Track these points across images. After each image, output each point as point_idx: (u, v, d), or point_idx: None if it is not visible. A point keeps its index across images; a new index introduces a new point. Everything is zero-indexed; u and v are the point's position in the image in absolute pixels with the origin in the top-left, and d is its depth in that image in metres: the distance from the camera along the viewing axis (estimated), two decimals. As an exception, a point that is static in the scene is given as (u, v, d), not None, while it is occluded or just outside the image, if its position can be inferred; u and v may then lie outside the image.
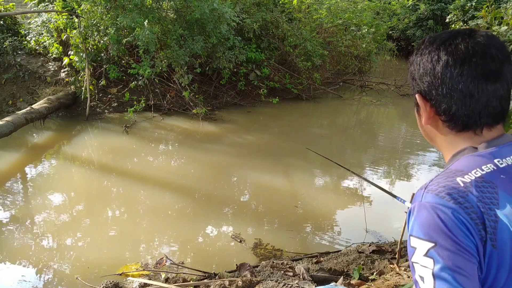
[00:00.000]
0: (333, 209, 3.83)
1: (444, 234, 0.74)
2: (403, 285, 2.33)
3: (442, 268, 0.73)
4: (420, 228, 0.77)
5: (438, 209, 0.75)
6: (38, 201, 3.95)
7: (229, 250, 3.09)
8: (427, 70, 0.86)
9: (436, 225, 0.75)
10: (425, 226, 0.76)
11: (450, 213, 0.74)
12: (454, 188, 0.77)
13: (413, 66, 0.91)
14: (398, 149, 5.81)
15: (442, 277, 0.72)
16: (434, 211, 0.76)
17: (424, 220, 0.77)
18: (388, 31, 11.47)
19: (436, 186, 0.79)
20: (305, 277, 2.45)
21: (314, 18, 8.82)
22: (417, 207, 0.79)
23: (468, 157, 0.83)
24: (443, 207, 0.75)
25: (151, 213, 3.73)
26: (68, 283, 2.72)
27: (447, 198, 0.76)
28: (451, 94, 0.84)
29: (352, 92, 9.08)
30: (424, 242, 0.75)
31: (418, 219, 0.78)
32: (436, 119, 0.89)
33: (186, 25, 6.82)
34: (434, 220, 0.75)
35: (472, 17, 11.42)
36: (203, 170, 4.73)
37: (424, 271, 0.75)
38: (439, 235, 0.74)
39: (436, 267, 0.73)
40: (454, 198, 0.75)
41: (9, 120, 5.01)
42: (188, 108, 6.68)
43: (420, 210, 0.78)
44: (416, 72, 0.90)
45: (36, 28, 7.54)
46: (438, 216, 0.75)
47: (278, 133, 6.26)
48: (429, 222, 0.76)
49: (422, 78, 0.88)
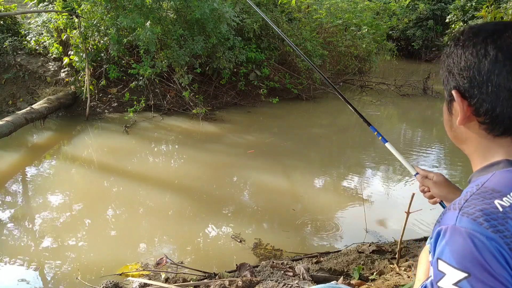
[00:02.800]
0: (333, 209, 3.83)
1: (481, 265, 0.67)
2: (403, 285, 2.33)
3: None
4: (452, 255, 0.70)
5: (475, 237, 0.68)
6: (38, 201, 3.95)
7: (229, 250, 3.09)
8: (470, 65, 0.78)
9: (472, 255, 0.68)
10: (459, 255, 0.69)
11: (488, 243, 0.67)
12: (492, 214, 0.70)
13: (451, 59, 0.82)
14: (399, 148, 5.80)
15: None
16: (471, 239, 0.69)
17: (459, 247, 0.70)
18: (388, 31, 11.47)
19: (473, 209, 0.71)
20: (305, 277, 2.45)
21: (314, 18, 8.82)
22: (450, 231, 0.72)
23: (505, 173, 0.76)
24: (481, 236, 0.68)
25: (151, 213, 3.73)
26: (68, 283, 2.71)
27: (486, 225, 0.69)
28: (497, 94, 0.75)
29: (352, 92, 9.08)
30: (456, 271, 0.69)
31: (451, 244, 0.71)
32: (471, 120, 0.80)
33: (186, 25, 6.83)
34: (470, 250, 0.68)
35: (472, 17, 11.43)
36: (203, 170, 4.73)
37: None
38: (475, 267, 0.67)
39: None
40: (493, 226, 0.68)
41: (9, 120, 5.01)
42: (188, 108, 6.68)
43: (454, 235, 0.71)
44: (454, 66, 0.81)
45: (36, 28, 7.54)
46: (474, 245, 0.68)
47: (278, 133, 6.26)
48: (464, 251, 0.69)
49: (462, 73, 0.79)
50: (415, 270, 2.23)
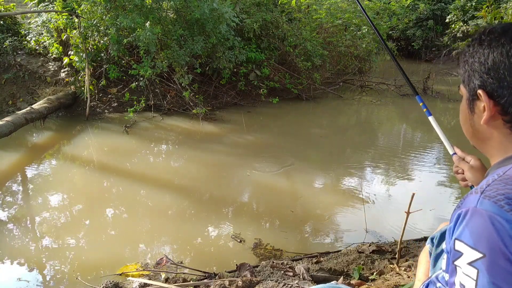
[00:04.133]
0: (333, 209, 3.83)
1: (498, 247, 0.68)
2: (403, 285, 2.33)
3: (488, 282, 0.68)
4: (471, 236, 0.72)
5: (495, 219, 0.70)
6: (38, 201, 3.96)
7: (229, 250, 3.09)
8: (500, 65, 0.78)
9: (490, 236, 0.69)
10: (478, 235, 0.71)
11: (508, 226, 0.69)
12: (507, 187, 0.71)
13: (475, 58, 0.83)
14: (399, 149, 5.81)
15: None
16: (491, 221, 0.70)
17: (478, 228, 0.71)
18: (388, 31, 11.47)
19: (494, 192, 0.73)
20: (305, 277, 2.45)
21: (314, 18, 8.83)
22: (470, 213, 0.73)
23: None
24: (501, 218, 0.69)
25: (151, 213, 3.73)
26: (68, 283, 2.71)
27: (506, 208, 0.70)
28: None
29: (352, 92, 9.08)
30: (473, 251, 0.71)
31: (470, 226, 0.72)
32: (497, 118, 0.81)
33: (186, 25, 6.83)
34: (489, 231, 0.70)
35: (472, 17, 11.43)
36: (203, 170, 4.73)
37: (466, 280, 0.72)
38: (491, 248, 0.69)
39: (481, 280, 0.69)
40: None
41: (9, 120, 5.01)
42: (188, 108, 6.68)
43: (474, 216, 0.72)
44: (480, 65, 0.81)
45: (36, 28, 7.54)
46: (494, 227, 0.69)
47: (278, 133, 6.26)
48: (483, 232, 0.70)
49: (490, 72, 0.79)
50: (415, 270, 2.23)
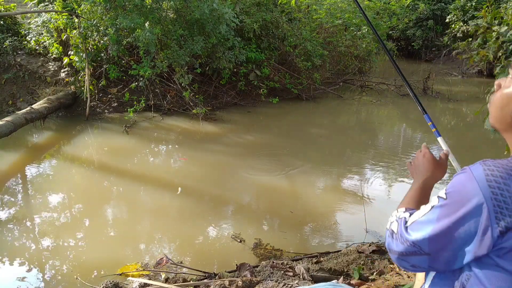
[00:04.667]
0: (333, 209, 3.83)
1: (458, 199, 0.81)
2: (403, 285, 2.33)
3: (432, 217, 0.85)
4: (452, 182, 0.85)
5: (472, 181, 0.80)
6: (38, 201, 3.96)
7: (229, 250, 3.09)
8: None
9: (460, 188, 0.82)
10: (453, 185, 0.84)
11: (476, 190, 0.79)
12: (503, 173, 0.79)
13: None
14: (398, 149, 5.81)
15: (431, 213, 0.86)
16: (469, 180, 0.81)
17: (457, 181, 0.84)
18: (388, 31, 11.47)
19: (492, 163, 0.82)
20: (305, 277, 2.45)
21: (314, 18, 8.82)
22: (463, 170, 0.85)
23: None
24: (476, 183, 0.79)
25: (151, 213, 3.73)
26: (68, 283, 2.71)
27: (489, 178, 0.79)
28: None
29: (352, 92, 9.08)
30: (443, 191, 0.86)
31: (455, 178, 0.85)
32: None
33: (186, 25, 6.83)
34: (462, 185, 0.82)
35: (472, 17, 11.42)
36: (203, 170, 4.73)
37: (431, 202, 0.88)
38: (453, 195, 0.82)
39: (432, 212, 0.85)
40: (495, 181, 0.78)
41: (9, 120, 5.01)
42: (188, 108, 6.68)
43: (463, 173, 0.84)
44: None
45: (36, 28, 7.54)
46: (467, 186, 0.80)
47: (278, 133, 6.26)
48: (458, 183, 0.83)
49: None
50: (415, 270, 2.23)
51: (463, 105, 8.32)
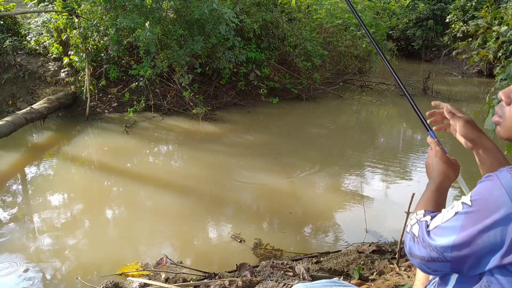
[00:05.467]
0: (333, 209, 3.83)
1: (485, 207, 0.78)
2: (403, 285, 2.33)
3: (456, 224, 0.82)
4: (476, 190, 0.82)
5: (501, 188, 0.78)
6: (38, 201, 3.95)
7: (229, 250, 3.09)
8: None
9: (487, 195, 0.79)
10: (479, 191, 0.81)
11: (506, 197, 0.76)
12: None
13: None
14: (398, 149, 5.81)
15: (454, 220, 0.83)
16: (497, 187, 0.78)
17: (483, 187, 0.81)
18: (388, 31, 11.47)
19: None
20: (305, 277, 2.45)
21: (314, 18, 8.82)
22: (489, 176, 0.82)
23: None
24: (505, 189, 0.77)
25: (151, 213, 3.73)
26: (68, 283, 2.71)
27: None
28: None
29: (352, 92, 9.08)
30: (468, 198, 0.83)
31: (481, 184, 0.82)
32: None
33: (186, 25, 6.82)
34: (489, 192, 0.79)
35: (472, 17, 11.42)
36: (203, 170, 4.73)
37: (455, 207, 0.85)
38: (480, 203, 0.79)
39: (456, 217, 0.82)
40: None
41: (9, 120, 5.01)
42: (188, 108, 6.68)
43: (489, 179, 0.81)
44: None
45: (36, 28, 7.54)
46: (495, 193, 0.78)
47: (278, 133, 6.26)
48: (485, 191, 0.80)
49: None
50: (415, 270, 2.23)
51: (463, 105, 8.32)
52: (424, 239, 0.87)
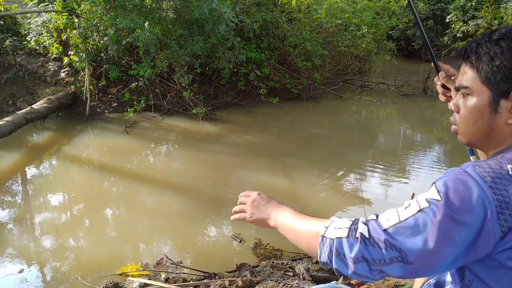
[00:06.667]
0: (333, 209, 3.82)
1: (455, 204, 0.74)
2: (403, 285, 2.33)
3: (423, 220, 0.75)
4: (443, 183, 0.77)
5: (471, 182, 0.75)
6: (38, 201, 3.95)
7: (229, 250, 3.09)
8: None
9: (457, 192, 0.75)
10: (447, 184, 0.77)
11: (477, 189, 0.74)
12: (500, 174, 0.75)
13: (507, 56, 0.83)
14: (399, 149, 5.81)
15: (419, 219, 0.76)
16: (466, 181, 0.75)
17: (452, 181, 0.77)
18: (388, 31, 11.47)
19: (484, 164, 0.78)
20: (305, 277, 2.45)
21: (314, 18, 8.82)
22: (455, 170, 0.79)
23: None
24: (475, 184, 0.74)
25: (151, 213, 3.73)
26: (68, 283, 2.71)
27: (487, 179, 0.75)
28: None
29: (352, 92, 9.08)
30: (435, 192, 0.77)
31: (448, 177, 0.78)
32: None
33: (186, 25, 6.82)
34: (458, 187, 0.75)
35: (472, 17, 11.43)
36: (203, 170, 4.73)
37: (413, 206, 0.79)
38: (450, 196, 0.75)
39: (423, 214, 0.76)
40: (494, 182, 0.74)
41: (9, 120, 5.01)
42: (188, 108, 6.68)
43: (457, 173, 0.78)
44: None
45: (36, 28, 7.54)
46: (465, 186, 0.75)
47: (278, 133, 6.26)
48: (454, 185, 0.76)
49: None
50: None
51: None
52: (381, 239, 0.78)
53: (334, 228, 0.88)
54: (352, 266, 0.81)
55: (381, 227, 0.80)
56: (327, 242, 0.86)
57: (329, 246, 0.86)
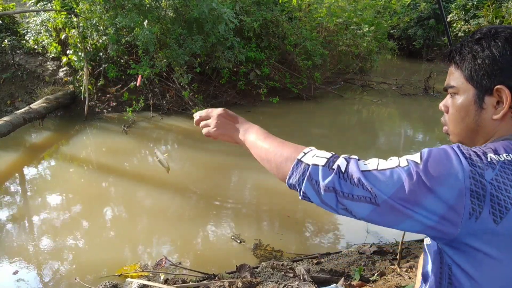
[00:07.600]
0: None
1: (436, 166, 0.76)
2: (404, 286, 2.31)
3: (398, 177, 0.77)
4: (428, 150, 0.80)
5: (453, 153, 0.77)
6: (37, 202, 3.93)
7: (229, 251, 3.06)
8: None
9: (436, 158, 0.77)
10: (430, 151, 0.79)
11: (457, 163, 0.75)
12: (480, 158, 0.77)
13: (493, 55, 0.85)
14: (400, 148, 5.79)
15: (397, 171, 0.79)
16: (448, 151, 0.78)
17: (435, 150, 0.79)
18: (389, 30, 11.43)
19: (471, 149, 0.80)
20: (306, 278, 2.42)
21: (314, 17, 8.79)
22: (441, 146, 0.81)
23: (508, 142, 0.83)
24: (457, 156, 0.77)
25: (150, 214, 3.71)
26: (67, 284, 2.69)
27: (468, 158, 0.77)
28: None
29: (353, 92, 9.05)
30: (417, 155, 0.80)
31: (433, 148, 0.80)
32: (508, 113, 0.86)
33: (185, 24, 6.79)
34: (440, 155, 0.78)
35: (474, 16, 11.40)
36: (202, 170, 4.70)
37: (393, 161, 0.81)
38: (430, 163, 0.77)
39: (401, 170, 0.78)
40: (473, 162, 0.76)
41: (7, 120, 4.99)
42: (188, 108, 6.65)
43: (444, 146, 0.80)
44: (505, 62, 0.83)
45: (34, 27, 7.51)
46: (447, 156, 0.77)
47: (278, 133, 6.14)
48: (435, 153, 0.78)
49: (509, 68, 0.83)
50: (416, 271, 2.20)
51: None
52: (355, 176, 0.80)
53: (312, 156, 0.91)
54: (322, 192, 0.83)
55: (359, 168, 0.82)
56: (302, 166, 0.89)
57: (303, 170, 0.88)
